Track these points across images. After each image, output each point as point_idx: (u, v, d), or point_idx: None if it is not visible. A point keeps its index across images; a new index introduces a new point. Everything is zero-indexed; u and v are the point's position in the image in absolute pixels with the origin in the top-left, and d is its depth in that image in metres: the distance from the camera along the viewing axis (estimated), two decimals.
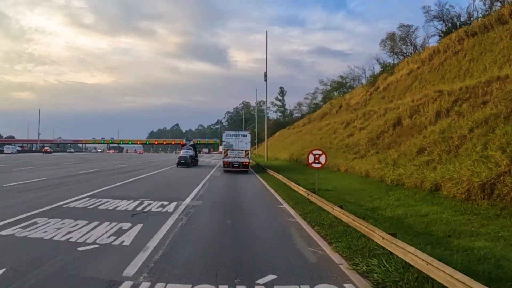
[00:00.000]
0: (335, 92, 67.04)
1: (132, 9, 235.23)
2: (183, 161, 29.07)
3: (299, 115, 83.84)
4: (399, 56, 45.41)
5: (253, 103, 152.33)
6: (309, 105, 75.21)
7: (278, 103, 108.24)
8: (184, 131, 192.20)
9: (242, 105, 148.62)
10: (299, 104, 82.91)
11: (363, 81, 55.90)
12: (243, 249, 5.73)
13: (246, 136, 23.88)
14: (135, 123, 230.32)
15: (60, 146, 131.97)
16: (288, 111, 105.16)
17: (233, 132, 23.97)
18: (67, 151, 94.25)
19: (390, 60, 44.22)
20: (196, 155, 33.67)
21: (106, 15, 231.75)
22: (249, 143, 24.17)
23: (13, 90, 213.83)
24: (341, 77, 65.89)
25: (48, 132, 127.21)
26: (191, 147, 32.36)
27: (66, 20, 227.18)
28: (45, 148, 78.94)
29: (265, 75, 43.77)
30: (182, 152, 30.65)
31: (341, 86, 65.20)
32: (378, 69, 46.36)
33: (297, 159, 32.33)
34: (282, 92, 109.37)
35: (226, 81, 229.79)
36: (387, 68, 43.34)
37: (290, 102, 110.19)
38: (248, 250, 5.67)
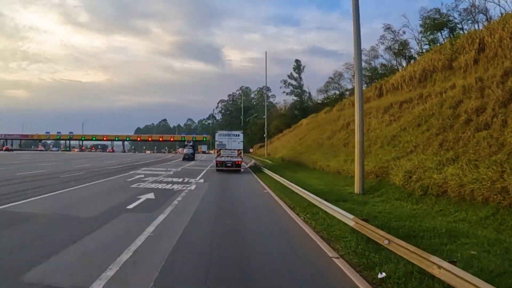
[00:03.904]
0: (419, 39, 35.65)
1: (127, 8, 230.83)
2: (187, 157, 39.12)
3: (337, 92, 51.64)
4: None
5: (253, 88, 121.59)
6: (369, 72, 43.13)
7: (293, 82, 75.86)
8: (171, 126, 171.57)
9: (240, 91, 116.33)
10: (338, 74, 50.54)
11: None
12: None
13: (238, 135, 23.62)
14: (128, 121, 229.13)
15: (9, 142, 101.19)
16: (307, 94, 72.91)
17: (225, 132, 24.08)
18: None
19: None
20: (194, 152, 44.68)
21: (101, 13, 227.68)
22: (242, 143, 23.70)
23: (8, 88, 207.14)
24: (437, 10, 34.54)
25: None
26: (191, 146, 45.75)
27: (60, 18, 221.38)
28: (6, 146, 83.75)
29: None
30: (185, 150, 42.29)
31: (443, 25, 33.76)
32: None
33: None
34: (298, 67, 76.98)
35: (220, 80, 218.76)
36: None
37: (289, 101, 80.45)
38: None
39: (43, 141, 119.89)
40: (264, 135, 51.80)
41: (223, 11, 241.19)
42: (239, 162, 23.17)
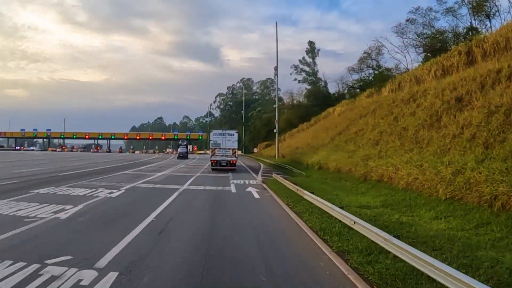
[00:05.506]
0: None
1: (125, 7, 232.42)
2: (181, 155, 44.34)
3: (374, 71, 38.49)
4: None
5: (255, 79, 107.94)
6: (427, 40, 30.23)
7: (306, 68, 62.79)
8: (167, 124, 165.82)
9: (241, 84, 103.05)
10: (376, 47, 37.20)
11: None
12: None
13: (233, 135, 23.88)
14: (125, 120, 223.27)
15: None
16: (323, 82, 59.84)
17: (220, 131, 24.32)
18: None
19: None
20: (187, 151, 50.15)
21: (99, 13, 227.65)
22: (237, 142, 24.06)
23: (6, 87, 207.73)
24: None
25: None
26: (185, 146, 51.70)
27: (59, 17, 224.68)
28: None
29: None
30: (180, 149, 47.54)
31: None
32: None
33: None
34: (312, 50, 63.86)
35: (220, 79, 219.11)
36: None
37: (296, 92, 69.12)
38: None
39: (34, 140, 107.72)
40: (275, 131, 38.67)
41: (222, 10, 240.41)
42: (234, 162, 23.33)
